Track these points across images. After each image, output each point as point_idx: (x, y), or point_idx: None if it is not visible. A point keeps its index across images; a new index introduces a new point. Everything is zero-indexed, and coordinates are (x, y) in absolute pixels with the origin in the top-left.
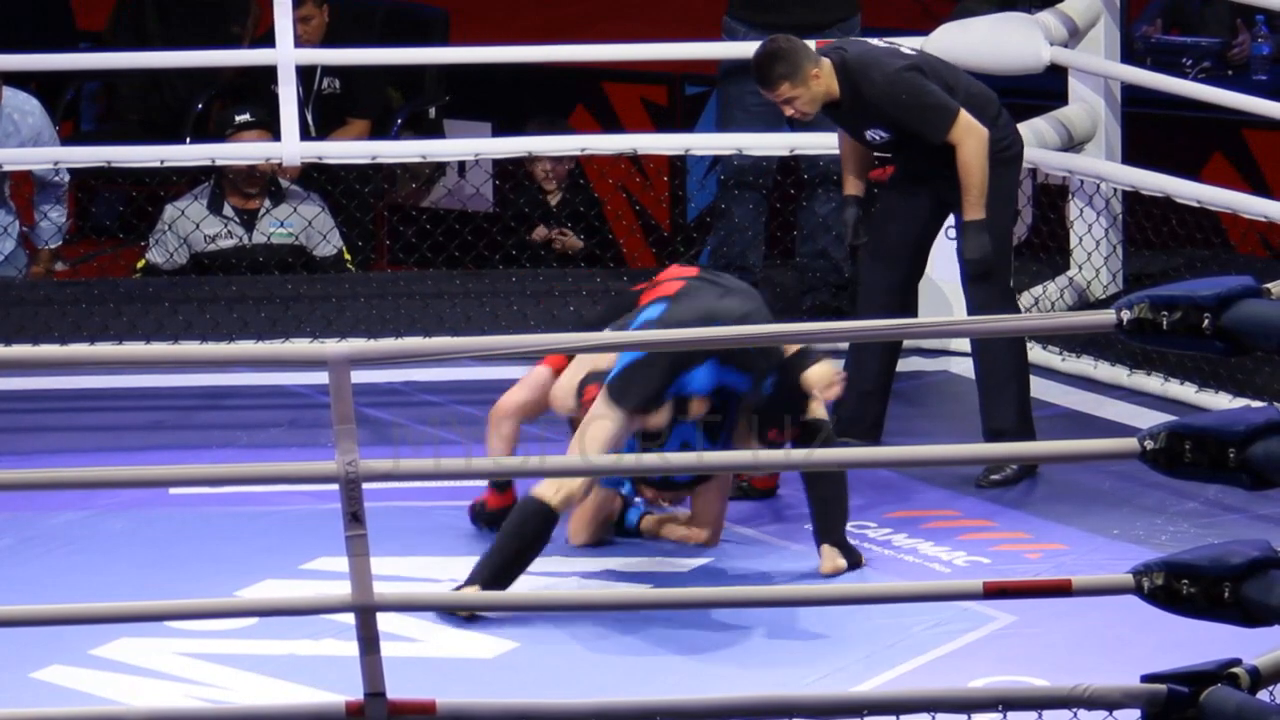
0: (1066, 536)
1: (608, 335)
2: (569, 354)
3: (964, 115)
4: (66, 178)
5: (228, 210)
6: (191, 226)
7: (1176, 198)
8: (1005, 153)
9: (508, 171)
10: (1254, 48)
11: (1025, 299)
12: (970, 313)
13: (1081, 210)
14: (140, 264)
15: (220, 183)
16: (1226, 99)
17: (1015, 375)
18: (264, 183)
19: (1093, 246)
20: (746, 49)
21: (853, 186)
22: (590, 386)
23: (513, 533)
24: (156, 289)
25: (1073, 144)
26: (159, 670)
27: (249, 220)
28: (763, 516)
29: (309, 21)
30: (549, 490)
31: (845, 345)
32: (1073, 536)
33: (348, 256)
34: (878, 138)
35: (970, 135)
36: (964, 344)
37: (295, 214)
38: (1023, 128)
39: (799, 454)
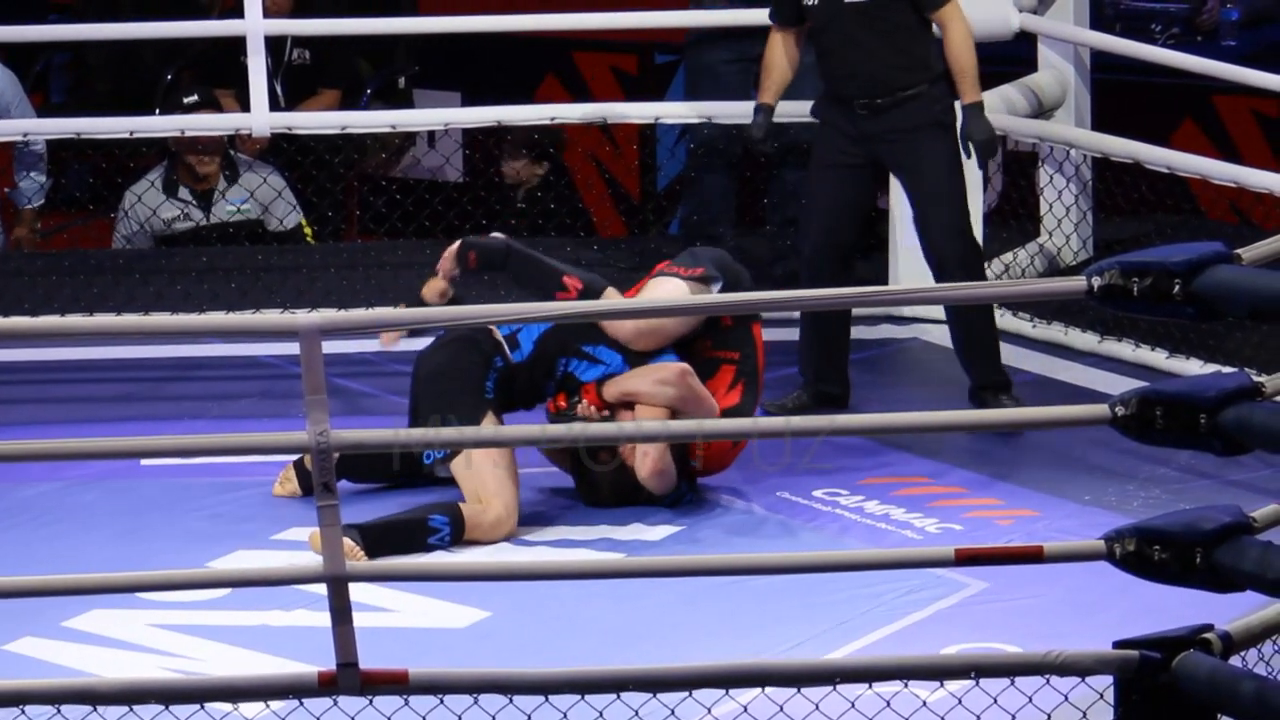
0: (1038, 503)
1: (582, 305)
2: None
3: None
4: (43, 141)
5: (183, 193)
6: (149, 211)
7: (1146, 164)
8: (950, 115)
9: (477, 141)
10: (1223, 13)
11: (996, 266)
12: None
13: (1051, 177)
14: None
15: (174, 165)
16: (1196, 65)
17: (989, 331)
18: (218, 160)
19: (1063, 213)
20: (715, 18)
21: (769, 96)
22: None
23: None
24: (127, 261)
25: (1042, 111)
26: (131, 641)
27: (205, 200)
28: (732, 482)
29: None
30: None
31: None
32: (1044, 503)
33: (308, 230)
34: None
35: (963, 19)
36: (937, 311)
37: (255, 188)
38: (992, 95)
39: (778, 421)
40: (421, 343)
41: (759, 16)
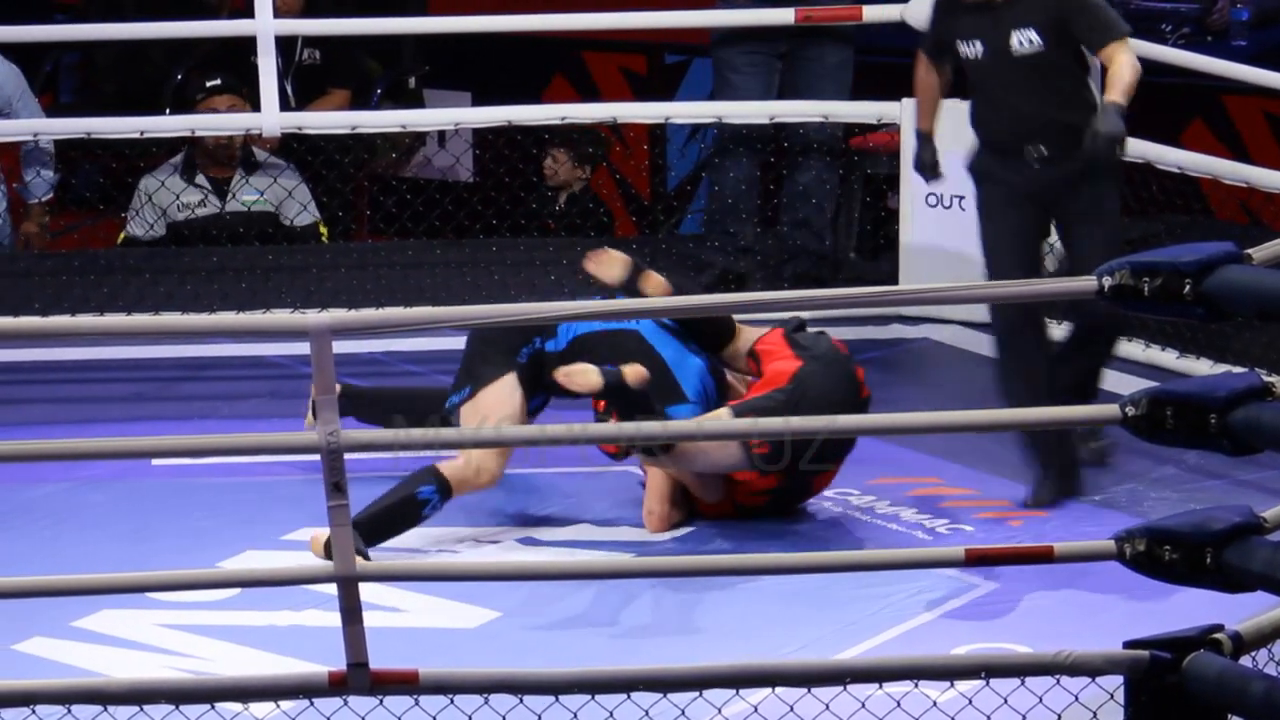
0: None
1: (592, 305)
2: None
3: (1130, 41)
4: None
5: (201, 180)
6: (168, 197)
7: (1157, 164)
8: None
9: (487, 141)
10: (1233, 13)
11: None
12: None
13: None
14: (121, 237)
15: (193, 153)
16: (1206, 65)
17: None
18: (237, 154)
19: None
20: (730, 18)
21: (927, 123)
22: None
23: None
24: (137, 261)
25: None
26: (141, 641)
27: (222, 188)
28: None
29: None
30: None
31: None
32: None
33: (323, 229)
34: (1026, 43)
35: (1132, 54)
36: (944, 311)
37: (273, 184)
38: None
39: (778, 422)
40: None
41: (776, 16)
